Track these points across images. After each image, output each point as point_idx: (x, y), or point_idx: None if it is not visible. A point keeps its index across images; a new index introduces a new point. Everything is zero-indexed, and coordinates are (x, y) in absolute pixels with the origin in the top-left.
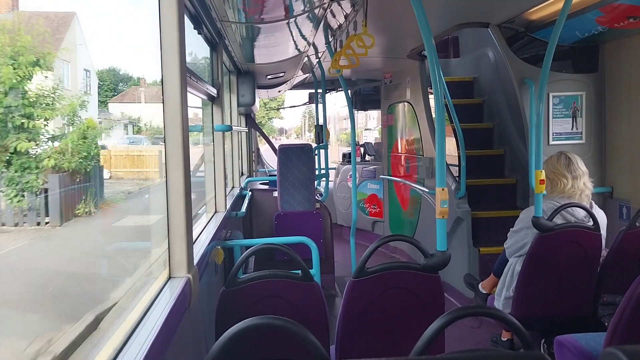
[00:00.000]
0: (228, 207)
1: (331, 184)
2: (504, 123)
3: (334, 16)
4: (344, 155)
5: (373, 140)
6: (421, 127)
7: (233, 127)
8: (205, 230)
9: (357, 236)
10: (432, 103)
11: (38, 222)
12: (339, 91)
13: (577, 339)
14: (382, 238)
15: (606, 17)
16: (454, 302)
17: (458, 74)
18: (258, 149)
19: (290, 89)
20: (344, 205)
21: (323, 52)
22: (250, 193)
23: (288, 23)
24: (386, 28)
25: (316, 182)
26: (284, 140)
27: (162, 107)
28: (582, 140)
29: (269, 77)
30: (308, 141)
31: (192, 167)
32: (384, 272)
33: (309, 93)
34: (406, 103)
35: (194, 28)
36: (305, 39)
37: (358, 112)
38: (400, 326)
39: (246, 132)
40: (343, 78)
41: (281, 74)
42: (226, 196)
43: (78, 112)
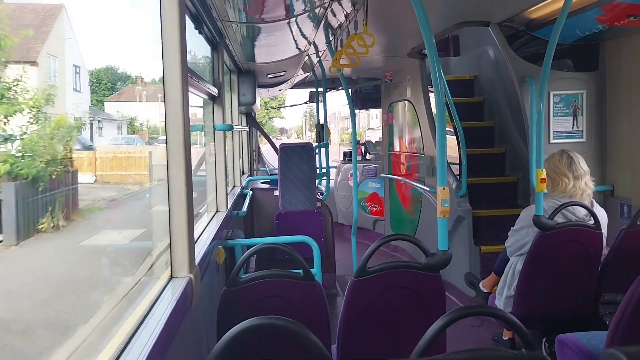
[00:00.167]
0: (229, 207)
1: (332, 183)
2: (505, 121)
3: (335, 15)
4: (345, 154)
5: (378, 139)
6: (422, 126)
7: (234, 127)
8: (206, 229)
9: (358, 235)
10: (433, 102)
11: None
12: (340, 90)
13: (579, 338)
14: (383, 237)
15: (606, 16)
16: (455, 301)
17: (458, 73)
18: (259, 148)
19: (290, 88)
20: (345, 204)
21: (324, 51)
22: (251, 192)
23: (289, 22)
24: (386, 27)
25: (317, 181)
26: (285, 140)
27: (164, 107)
28: (583, 138)
29: (270, 76)
30: (309, 141)
31: (193, 167)
32: (385, 272)
33: (310, 92)
34: (407, 102)
35: (195, 27)
36: (305, 38)
37: (360, 112)
38: (401, 325)
39: (247, 131)
40: (344, 77)
41: (282, 73)
42: (227, 195)
43: (43, 108)
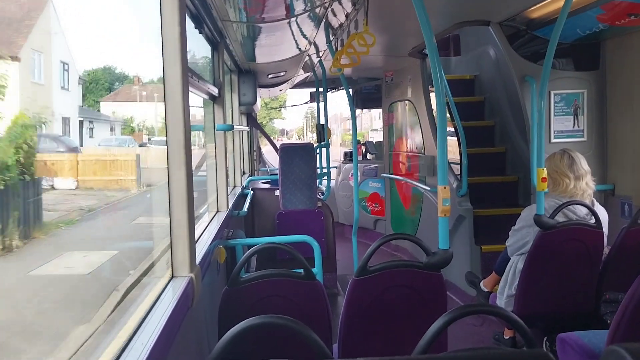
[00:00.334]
0: (230, 206)
1: (333, 183)
2: (505, 121)
3: (335, 15)
4: (346, 154)
5: (380, 139)
6: (422, 126)
7: (234, 127)
8: (207, 229)
9: (359, 235)
10: (434, 101)
11: None
12: (340, 90)
13: (580, 337)
14: (384, 237)
15: (607, 15)
16: (456, 301)
17: (459, 72)
18: (259, 148)
19: (291, 88)
20: (346, 203)
21: (324, 51)
22: (252, 192)
23: (289, 22)
24: (387, 26)
25: (318, 181)
26: (285, 141)
27: (164, 107)
28: (584, 138)
29: (270, 76)
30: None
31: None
32: (386, 271)
33: (310, 92)
34: (407, 101)
35: (195, 27)
36: (306, 38)
37: (362, 113)
38: (402, 324)
39: (247, 131)
40: (344, 77)
41: (282, 73)
42: (228, 195)
43: None
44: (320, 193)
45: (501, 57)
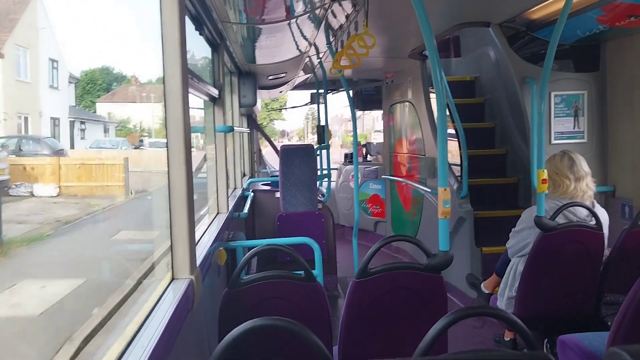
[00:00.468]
0: (230, 208)
1: (333, 185)
2: (506, 122)
3: (335, 16)
4: (346, 155)
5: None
6: (423, 127)
7: (235, 128)
8: (207, 231)
9: (360, 236)
10: (434, 103)
11: None
12: (341, 91)
13: (580, 339)
14: (385, 238)
15: (607, 16)
16: (457, 302)
17: (459, 74)
18: (260, 150)
19: (291, 90)
20: (346, 205)
21: (324, 53)
22: (252, 194)
23: (289, 24)
24: (387, 28)
25: (318, 183)
26: (286, 142)
27: (164, 108)
28: (584, 139)
29: (271, 78)
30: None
31: (194, 169)
32: (387, 273)
33: (311, 93)
34: (408, 103)
35: (195, 29)
36: (306, 40)
37: (364, 114)
38: (403, 326)
39: (248, 133)
40: (344, 78)
41: (282, 75)
42: (228, 197)
43: None
44: (320, 195)
45: (501, 59)
